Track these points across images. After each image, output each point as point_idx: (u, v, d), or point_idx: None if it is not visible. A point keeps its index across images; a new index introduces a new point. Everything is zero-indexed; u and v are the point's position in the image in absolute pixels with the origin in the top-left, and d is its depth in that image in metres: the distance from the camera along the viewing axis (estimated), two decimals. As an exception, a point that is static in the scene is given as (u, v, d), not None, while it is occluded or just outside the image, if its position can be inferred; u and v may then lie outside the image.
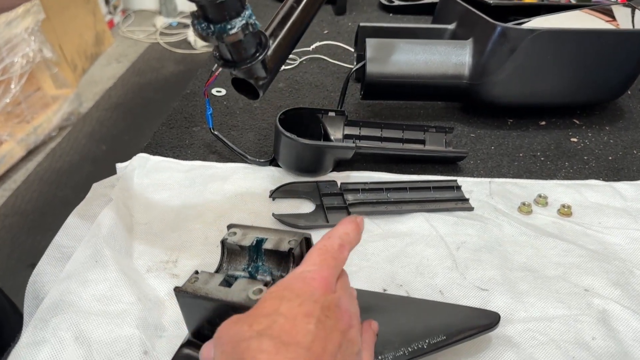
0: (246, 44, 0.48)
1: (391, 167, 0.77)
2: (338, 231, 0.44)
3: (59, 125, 2.59)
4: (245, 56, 0.49)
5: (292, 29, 0.55)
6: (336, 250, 0.43)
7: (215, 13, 0.44)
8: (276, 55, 0.54)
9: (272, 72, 0.54)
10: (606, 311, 0.56)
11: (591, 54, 0.81)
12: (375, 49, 0.84)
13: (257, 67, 0.51)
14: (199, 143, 0.81)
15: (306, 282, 0.39)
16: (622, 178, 0.76)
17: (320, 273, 0.40)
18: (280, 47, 0.54)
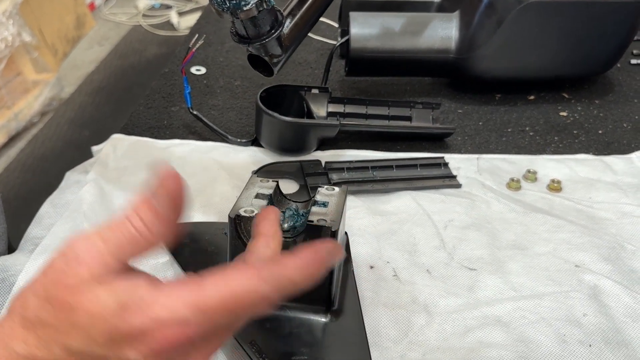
0: (260, 21, 0.48)
1: (377, 144, 0.75)
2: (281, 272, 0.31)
3: (40, 111, 2.54)
4: (259, 33, 0.49)
5: (310, 8, 0.55)
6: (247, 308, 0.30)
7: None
8: (292, 34, 0.53)
9: (288, 51, 0.54)
10: (597, 287, 0.54)
11: (580, 25, 0.79)
12: (360, 23, 0.81)
13: (271, 44, 0.50)
14: (178, 123, 0.79)
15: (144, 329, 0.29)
16: (612, 152, 0.74)
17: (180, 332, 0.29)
18: (297, 26, 0.53)
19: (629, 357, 0.48)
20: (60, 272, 0.30)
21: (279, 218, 0.39)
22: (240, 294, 0.29)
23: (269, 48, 0.51)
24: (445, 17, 0.82)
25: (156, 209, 0.30)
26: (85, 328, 0.29)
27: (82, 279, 0.30)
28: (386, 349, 0.49)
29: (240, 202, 0.48)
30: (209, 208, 0.63)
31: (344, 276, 0.53)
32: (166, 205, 0.31)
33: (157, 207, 0.30)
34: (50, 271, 0.30)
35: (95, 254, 0.30)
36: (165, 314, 0.29)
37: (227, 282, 0.29)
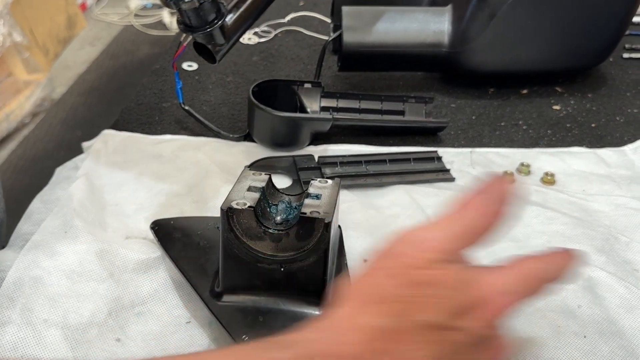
0: (203, 12, 0.52)
1: (370, 139, 0.75)
2: (552, 261, 0.37)
3: (31, 112, 2.52)
4: (202, 23, 0.53)
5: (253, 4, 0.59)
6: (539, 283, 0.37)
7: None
8: (236, 25, 0.58)
9: (231, 40, 0.58)
10: (591, 278, 0.54)
11: (573, 18, 0.79)
12: (352, 18, 0.81)
13: (215, 33, 0.55)
14: (169, 119, 0.78)
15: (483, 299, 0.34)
16: (605, 145, 0.74)
17: (506, 301, 0.35)
18: (240, 17, 0.58)
19: (623, 347, 0.48)
20: (406, 256, 0.35)
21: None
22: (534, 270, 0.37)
23: (212, 37, 0.55)
24: (437, 11, 0.82)
25: (486, 207, 0.36)
26: (436, 299, 0.33)
27: (430, 260, 0.34)
28: (380, 342, 0.49)
29: (233, 195, 0.48)
30: (201, 203, 0.63)
31: (338, 270, 0.52)
32: (494, 204, 0.36)
33: (487, 206, 0.36)
34: (392, 257, 0.35)
35: (438, 241, 0.35)
36: (498, 287, 0.35)
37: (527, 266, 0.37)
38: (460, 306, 0.34)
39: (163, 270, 0.54)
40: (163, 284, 0.53)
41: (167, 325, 0.50)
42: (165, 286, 0.53)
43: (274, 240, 0.48)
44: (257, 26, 1.03)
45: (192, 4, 0.51)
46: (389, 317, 0.33)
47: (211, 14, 0.53)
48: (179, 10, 0.53)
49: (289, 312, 0.48)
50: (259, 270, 0.48)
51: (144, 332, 0.49)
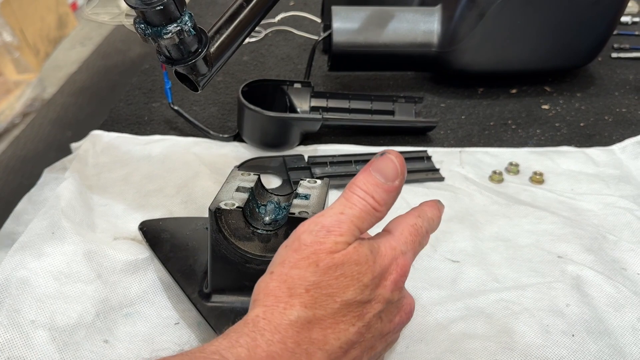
0: (182, 46, 0.50)
1: (360, 139, 0.75)
2: (426, 213, 0.42)
3: (22, 112, 2.51)
4: (182, 56, 0.51)
5: (237, 28, 0.56)
6: (424, 235, 0.41)
7: (152, 18, 0.46)
8: (219, 51, 0.55)
9: (214, 67, 0.55)
10: (580, 277, 0.54)
11: (561, 18, 0.79)
12: (342, 18, 0.81)
13: (197, 64, 0.52)
14: (159, 119, 0.78)
15: (391, 267, 0.38)
16: (594, 144, 0.74)
17: (406, 260, 0.39)
18: (224, 43, 0.55)
19: (611, 346, 0.48)
20: (316, 243, 0.36)
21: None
22: (414, 226, 0.41)
23: (193, 67, 0.53)
24: (427, 11, 0.82)
25: (381, 183, 0.38)
26: (355, 276, 0.36)
27: (337, 242, 0.36)
28: (369, 342, 0.49)
29: (221, 196, 0.48)
30: (190, 203, 0.63)
31: None
32: (389, 176, 0.38)
33: (380, 181, 0.38)
34: (304, 247, 0.36)
35: (341, 224, 0.37)
36: (397, 251, 0.39)
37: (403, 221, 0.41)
38: (372, 277, 0.37)
39: (152, 272, 0.54)
40: (152, 285, 0.53)
41: (155, 327, 0.49)
42: (153, 287, 0.53)
43: (262, 240, 0.47)
44: (248, 26, 1.03)
45: (171, 40, 0.48)
46: (310, 306, 0.35)
47: (193, 45, 0.51)
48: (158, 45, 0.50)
49: None
50: (247, 271, 0.47)
51: (132, 333, 0.49)
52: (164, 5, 0.45)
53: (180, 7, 0.47)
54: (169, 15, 0.47)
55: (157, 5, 0.45)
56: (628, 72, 0.91)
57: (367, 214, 0.37)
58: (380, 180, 0.38)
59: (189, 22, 0.48)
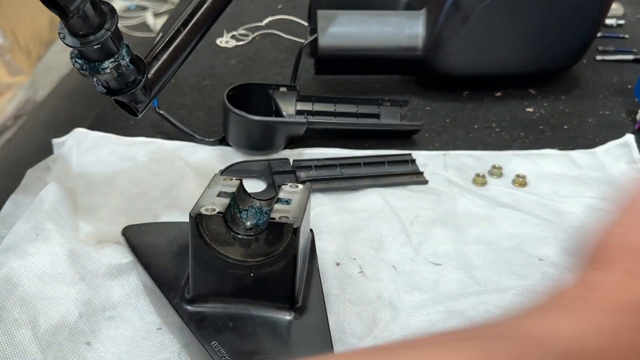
0: (120, 79, 0.50)
1: (346, 142, 0.75)
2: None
3: (14, 114, 2.49)
4: (120, 88, 0.51)
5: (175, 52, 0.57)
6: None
7: (89, 55, 0.46)
8: (156, 77, 0.55)
9: (153, 92, 0.55)
10: (561, 280, 0.55)
11: (545, 21, 0.80)
12: (327, 21, 0.81)
13: (135, 93, 0.52)
14: (145, 123, 0.78)
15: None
16: (577, 147, 0.75)
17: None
18: (161, 69, 0.55)
19: (591, 348, 0.49)
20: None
21: None
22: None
23: (132, 96, 0.53)
24: (412, 15, 0.82)
25: None
26: None
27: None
28: (351, 345, 0.49)
29: (202, 201, 0.48)
30: (175, 207, 0.63)
31: (309, 273, 0.53)
32: None
33: None
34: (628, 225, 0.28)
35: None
36: None
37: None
38: None
39: (135, 276, 0.54)
40: (134, 290, 0.53)
41: (138, 331, 0.50)
42: (136, 292, 0.53)
43: (243, 245, 0.48)
44: (235, 29, 1.03)
45: (110, 74, 0.48)
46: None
47: (131, 76, 0.50)
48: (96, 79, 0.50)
49: (259, 318, 0.48)
50: (228, 276, 0.48)
51: (115, 336, 0.49)
52: (101, 44, 0.45)
53: (118, 42, 0.47)
54: (106, 52, 0.46)
55: (95, 44, 0.45)
56: (612, 74, 0.92)
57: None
58: None
59: (127, 56, 0.48)
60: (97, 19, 0.44)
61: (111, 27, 0.45)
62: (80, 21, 0.43)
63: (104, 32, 0.45)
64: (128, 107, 0.55)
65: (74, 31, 0.44)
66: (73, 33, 0.44)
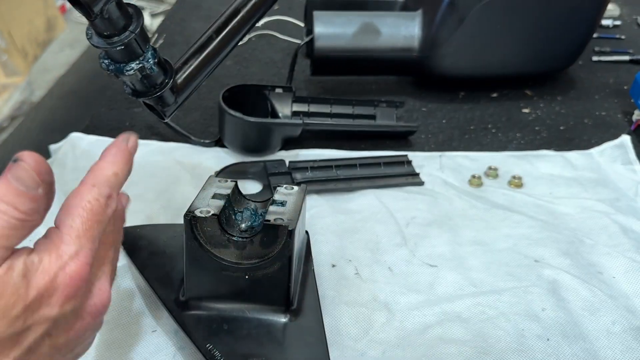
0: (145, 81, 0.51)
1: (342, 144, 0.75)
2: (103, 173, 0.38)
3: (10, 115, 2.49)
4: (146, 90, 0.52)
5: (205, 59, 0.57)
6: (104, 206, 0.36)
7: (114, 56, 0.47)
8: (185, 83, 0.55)
9: (180, 98, 0.56)
10: (556, 281, 0.55)
11: (541, 22, 0.80)
12: (323, 23, 0.81)
13: (164, 95, 0.53)
14: (140, 124, 0.78)
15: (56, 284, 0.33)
16: (573, 147, 0.75)
17: (79, 262, 0.34)
18: (191, 75, 0.56)
19: (586, 350, 0.49)
20: None
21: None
22: (87, 206, 0.36)
23: (161, 99, 0.54)
24: (408, 16, 0.82)
25: (23, 192, 0.32)
26: (2, 311, 0.31)
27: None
28: (346, 347, 0.49)
29: (197, 203, 0.48)
30: (170, 209, 0.63)
31: (304, 275, 0.53)
32: (30, 183, 0.32)
33: (22, 190, 0.32)
34: None
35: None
36: (59, 260, 0.33)
37: (73, 204, 0.36)
38: (25, 306, 0.32)
39: (129, 279, 0.54)
40: (129, 293, 0.53)
41: (132, 334, 0.49)
42: (130, 295, 0.53)
43: (238, 247, 0.48)
44: (231, 30, 1.03)
45: (134, 76, 0.49)
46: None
47: (157, 79, 0.51)
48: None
49: (254, 320, 0.48)
50: (223, 278, 0.48)
51: (109, 340, 0.49)
52: (125, 45, 0.46)
53: (143, 45, 0.48)
54: (130, 53, 0.47)
55: (118, 45, 0.45)
56: (608, 75, 0.92)
57: (13, 228, 0.32)
58: (21, 189, 0.32)
59: (151, 59, 0.49)
60: (122, 21, 0.45)
61: (135, 29, 0.45)
62: (104, 22, 0.44)
63: (128, 34, 0.45)
64: (156, 110, 0.55)
65: (99, 31, 0.45)
66: (98, 33, 0.45)
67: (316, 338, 0.47)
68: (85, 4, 0.41)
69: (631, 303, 0.53)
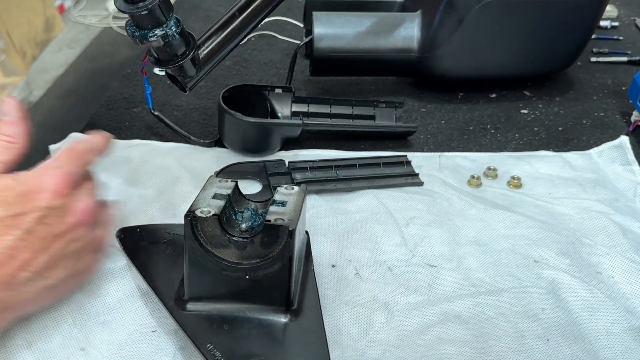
0: (168, 49, 0.54)
1: (341, 144, 0.75)
2: (89, 139, 0.51)
3: (8, 115, 2.49)
4: (169, 58, 0.56)
5: (228, 36, 0.61)
6: (84, 151, 0.49)
7: (139, 21, 0.51)
8: (208, 56, 0.60)
9: (203, 70, 0.59)
10: (555, 281, 0.55)
11: (539, 23, 0.80)
12: (323, 23, 0.81)
13: (185, 65, 0.57)
14: (140, 125, 0.78)
15: (42, 183, 0.44)
16: (572, 148, 0.75)
17: (64, 169, 0.46)
18: (213, 50, 0.60)
19: (585, 350, 0.49)
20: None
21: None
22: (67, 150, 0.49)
23: (181, 69, 0.57)
24: (407, 17, 0.82)
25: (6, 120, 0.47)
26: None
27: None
28: (347, 347, 0.49)
29: (197, 203, 0.48)
30: (170, 209, 0.63)
31: (304, 275, 0.53)
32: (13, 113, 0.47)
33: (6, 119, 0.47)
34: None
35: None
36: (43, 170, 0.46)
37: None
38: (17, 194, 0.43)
39: (129, 279, 0.54)
40: (129, 293, 0.53)
41: (132, 334, 0.49)
42: (131, 295, 0.53)
43: (238, 248, 0.48)
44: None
45: (157, 42, 0.52)
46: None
47: (180, 48, 0.55)
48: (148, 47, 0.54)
49: (254, 320, 0.48)
50: (224, 278, 0.48)
51: (109, 341, 0.49)
52: (148, 11, 0.49)
53: (167, 13, 0.52)
54: (154, 20, 0.51)
55: (143, 9, 0.49)
56: (607, 76, 0.92)
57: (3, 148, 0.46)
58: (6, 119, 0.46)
59: (174, 27, 0.53)
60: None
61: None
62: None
63: (152, 0, 0.49)
64: (178, 82, 0.59)
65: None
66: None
67: (316, 338, 0.47)
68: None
69: (630, 303, 0.53)
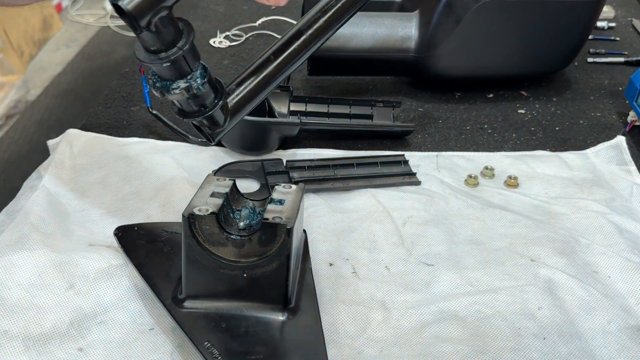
0: (192, 101, 0.47)
1: (339, 143, 0.75)
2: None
3: (5, 114, 2.49)
4: (191, 111, 0.48)
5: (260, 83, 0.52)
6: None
7: (161, 72, 0.44)
8: (238, 106, 0.51)
9: (232, 120, 0.51)
10: (552, 280, 0.55)
11: (537, 23, 0.80)
12: (321, 23, 0.81)
13: (214, 115, 0.48)
14: (138, 123, 0.78)
15: None
16: (568, 148, 0.76)
17: None
18: (244, 98, 0.51)
19: (581, 349, 0.49)
20: None
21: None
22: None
23: (211, 119, 0.49)
24: (405, 17, 0.83)
25: None
26: None
27: None
28: (344, 345, 0.49)
29: (195, 201, 0.48)
30: (168, 208, 0.63)
31: (302, 274, 0.53)
32: None
33: None
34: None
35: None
36: None
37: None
38: None
39: (126, 278, 0.54)
40: (126, 292, 0.53)
41: (130, 333, 0.50)
42: (128, 294, 0.53)
43: (236, 246, 0.48)
44: (228, 30, 1.03)
45: (180, 95, 0.45)
46: None
47: (206, 99, 0.47)
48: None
49: (251, 318, 0.48)
50: (221, 276, 0.48)
51: (107, 340, 0.49)
52: (171, 62, 0.42)
53: (192, 63, 0.44)
54: (177, 71, 0.44)
55: (165, 61, 0.42)
56: (603, 76, 0.93)
57: None
58: None
59: (199, 78, 0.45)
60: (170, 36, 0.41)
61: (184, 46, 0.42)
62: (152, 36, 0.40)
63: (175, 50, 0.41)
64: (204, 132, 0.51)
65: (145, 46, 0.41)
66: (145, 47, 0.41)
67: (314, 336, 0.47)
68: (132, 16, 0.37)
69: (626, 302, 0.54)
